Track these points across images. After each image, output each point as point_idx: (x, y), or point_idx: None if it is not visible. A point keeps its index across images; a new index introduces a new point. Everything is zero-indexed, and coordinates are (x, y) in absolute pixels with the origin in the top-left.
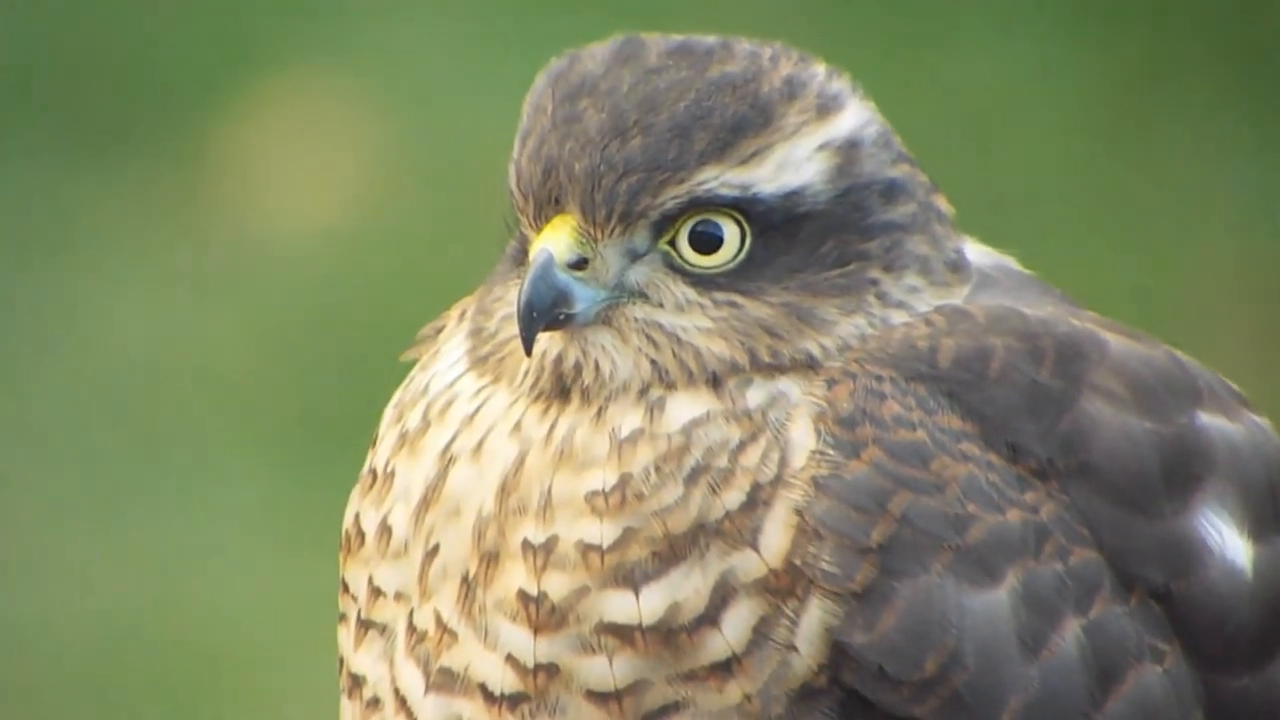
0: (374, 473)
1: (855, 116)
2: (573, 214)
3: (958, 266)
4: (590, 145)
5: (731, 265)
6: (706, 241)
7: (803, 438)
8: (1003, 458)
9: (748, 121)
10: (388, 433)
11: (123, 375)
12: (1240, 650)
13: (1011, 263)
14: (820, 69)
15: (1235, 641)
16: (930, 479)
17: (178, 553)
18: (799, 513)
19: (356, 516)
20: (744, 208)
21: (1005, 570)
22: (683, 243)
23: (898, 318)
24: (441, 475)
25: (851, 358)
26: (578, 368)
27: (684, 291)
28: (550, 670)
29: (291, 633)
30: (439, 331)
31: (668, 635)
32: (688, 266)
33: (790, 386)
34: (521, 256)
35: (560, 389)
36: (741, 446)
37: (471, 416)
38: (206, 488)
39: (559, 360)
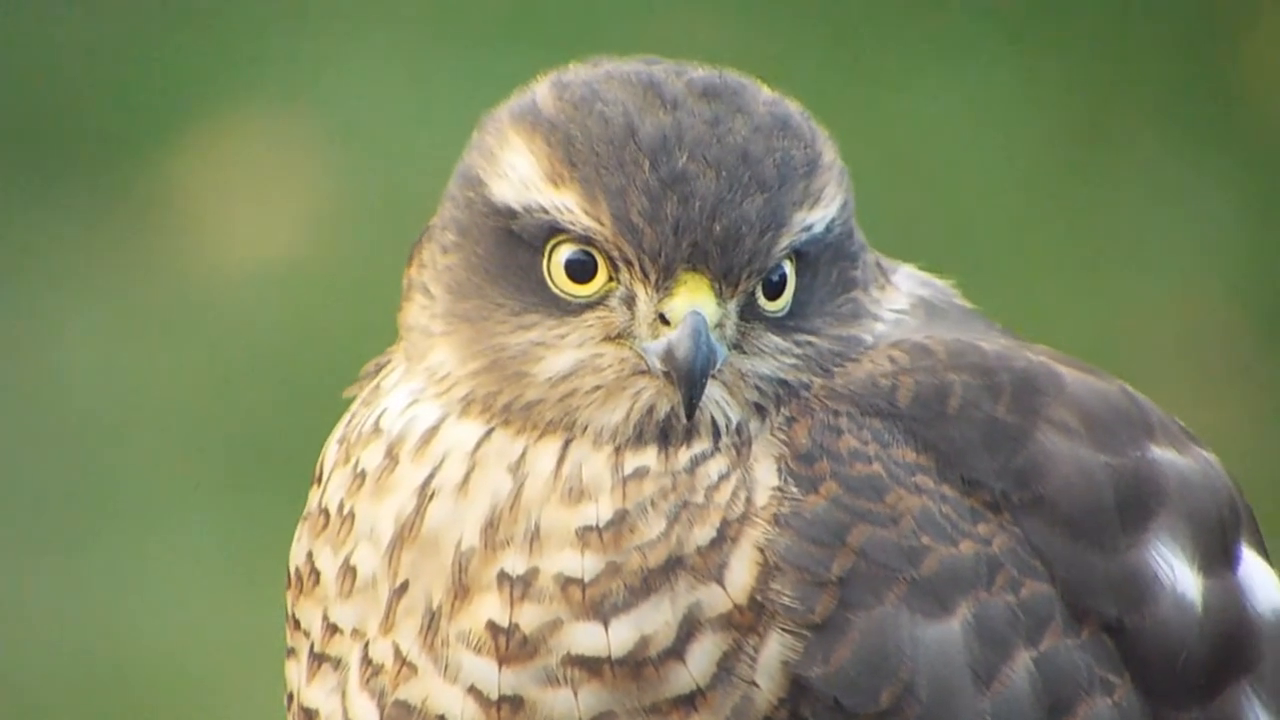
0: (325, 513)
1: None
2: (707, 274)
3: (881, 267)
4: (723, 205)
5: (788, 306)
6: (776, 286)
7: (765, 475)
8: (956, 490)
9: (812, 163)
10: (335, 472)
11: (68, 411)
12: (1190, 683)
13: (948, 288)
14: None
15: (1185, 674)
16: (885, 511)
17: (125, 589)
18: (761, 549)
19: (309, 556)
20: (801, 249)
21: (958, 602)
22: (758, 290)
23: (880, 329)
24: (419, 511)
25: (813, 394)
26: (674, 416)
27: (771, 339)
28: (515, 702)
29: (239, 668)
30: (380, 368)
31: (635, 668)
32: (764, 313)
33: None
34: (586, 306)
35: (663, 437)
36: (718, 482)
37: (460, 454)
38: (153, 523)
39: (650, 411)
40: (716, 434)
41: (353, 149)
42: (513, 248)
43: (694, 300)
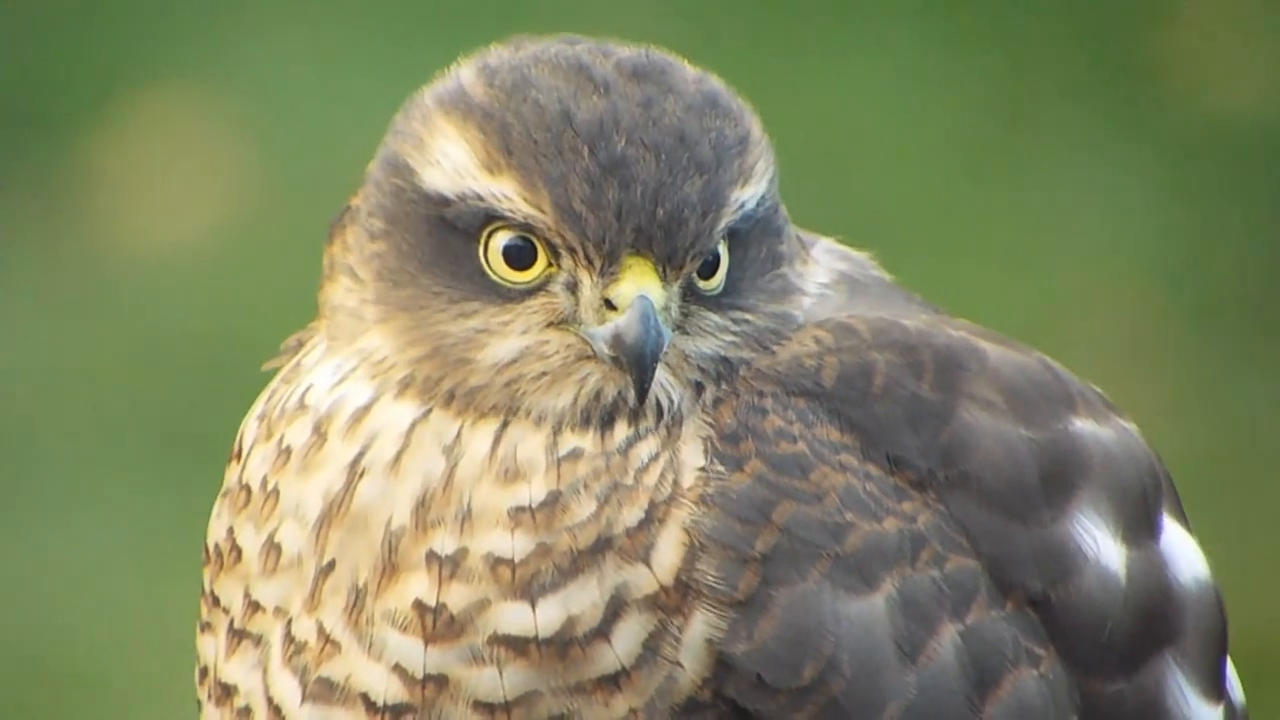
0: (247, 489)
1: None
2: (651, 257)
3: (801, 241)
4: (664, 189)
5: (723, 283)
6: (711, 265)
7: (692, 456)
8: (881, 468)
9: (744, 141)
10: (256, 447)
11: None
12: (1115, 655)
13: (867, 261)
14: None
15: (1110, 646)
16: (810, 489)
17: (42, 571)
18: (687, 530)
19: (230, 531)
20: (735, 226)
21: (882, 577)
22: (695, 270)
23: (808, 303)
24: (348, 489)
25: (740, 376)
26: (621, 399)
27: (710, 318)
28: (439, 681)
29: (156, 649)
30: (301, 343)
31: (562, 648)
32: (703, 291)
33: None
34: (527, 292)
35: (607, 420)
36: (647, 464)
37: (393, 433)
38: (71, 505)
39: (598, 395)
40: (660, 414)
41: (271, 129)
42: (446, 235)
43: (640, 285)
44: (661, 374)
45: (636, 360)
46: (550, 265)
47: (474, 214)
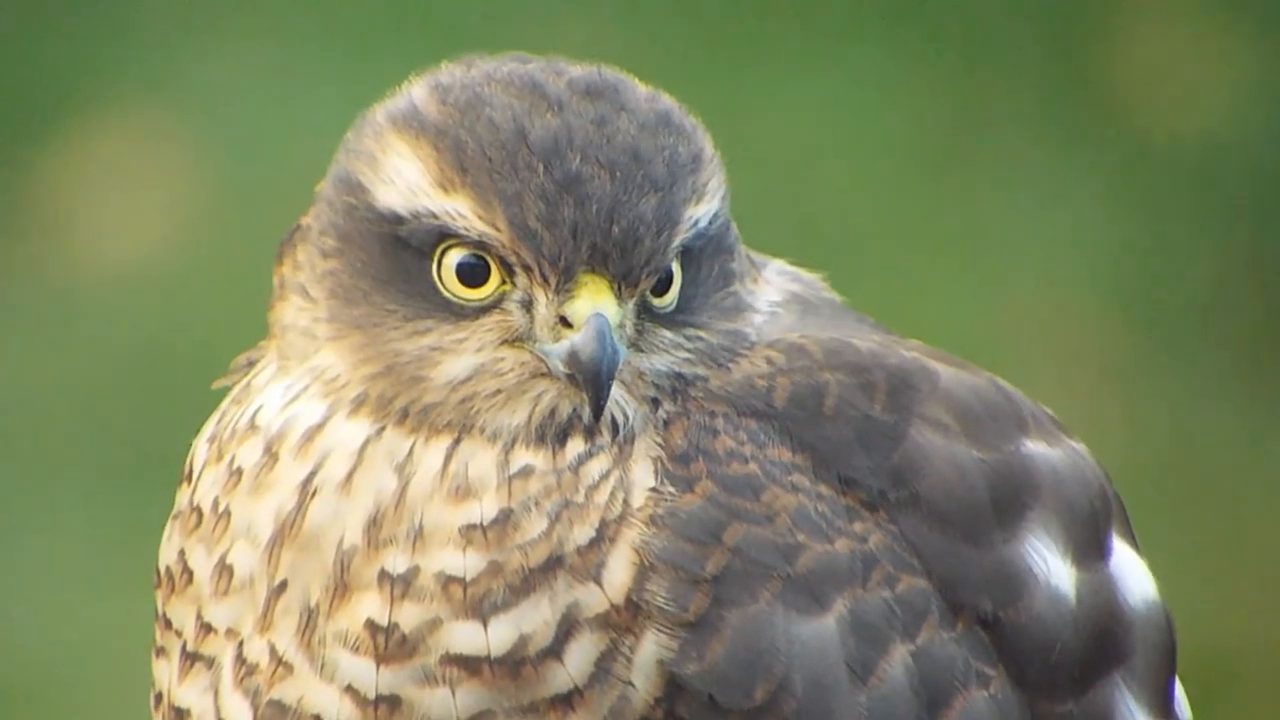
0: (198, 510)
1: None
2: (606, 275)
3: (752, 261)
4: (620, 206)
5: (676, 301)
6: (665, 282)
7: (643, 476)
8: (832, 489)
9: (697, 159)
10: (207, 469)
11: None
12: (1065, 675)
13: (818, 283)
14: None
15: (1060, 667)
16: (761, 510)
17: None
18: (637, 550)
19: (181, 554)
20: (688, 244)
21: (834, 598)
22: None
23: (759, 321)
24: (300, 509)
25: (691, 397)
26: (575, 417)
27: (663, 334)
28: (392, 701)
29: (107, 668)
30: (252, 363)
31: (514, 667)
32: (654, 309)
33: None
34: (481, 310)
35: (561, 437)
36: (598, 482)
37: (344, 452)
38: (21, 524)
39: (552, 413)
40: (615, 431)
41: (221, 147)
42: (399, 253)
43: (596, 302)
44: (617, 391)
45: (592, 378)
46: (504, 283)
47: (428, 232)
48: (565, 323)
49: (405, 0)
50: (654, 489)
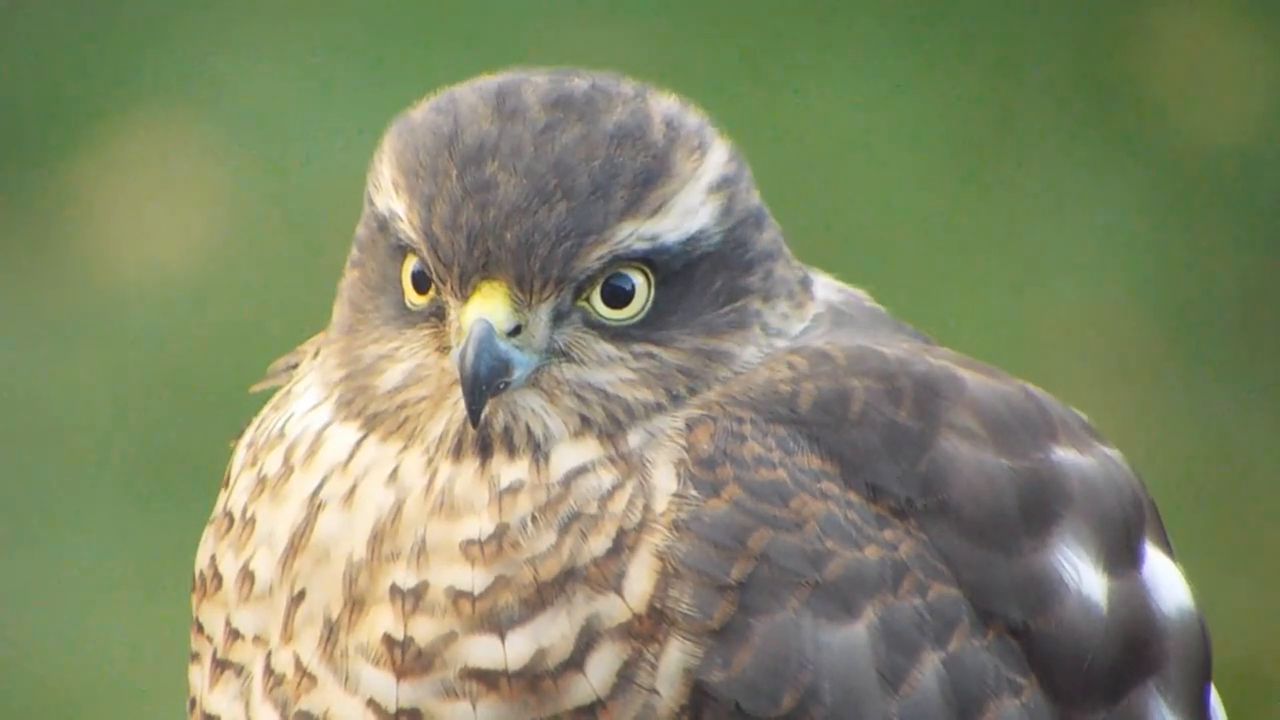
0: (230, 516)
1: (722, 150)
2: (503, 281)
3: (806, 283)
4: (518, 213)
5: (640, 316)
6: (620, 296)
7: (665, 481)
8: (862, 496)
9: (653, 173)
10: (242, 475)
11: None
12: (1096, 684)
13: (863, 296)
14: (676, 102)
15: (1091, 676)
16: (790, 517)
17: (26, 599)
18: (660, 556)
19: (213, 559)
20: (652, 259)
21: (864, 606)
22: (597, 299)
23: (779, 345)
24: (309, 521)
25: (713, 400)
26: (507, 431)
27: (604, 348)
28: (413, 715)
29: (141, 679)
30: (292, 367)
31: (533, 680)
32: (605, 321)
33: (664, 422)
34: (424, 317)
35: (483, 448)
36: (611, 493)
37: (345, 464)
38: (55, 532)
39: (486, 425)
40: (535, 445)
41: (257, 154)
42: (394, 259)
43: (483, 308)
44: (536, 400)
45: (465, 384)
46: (436, 290)
47: (395, 235)
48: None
49: (442, 8)
50: (677, 494)
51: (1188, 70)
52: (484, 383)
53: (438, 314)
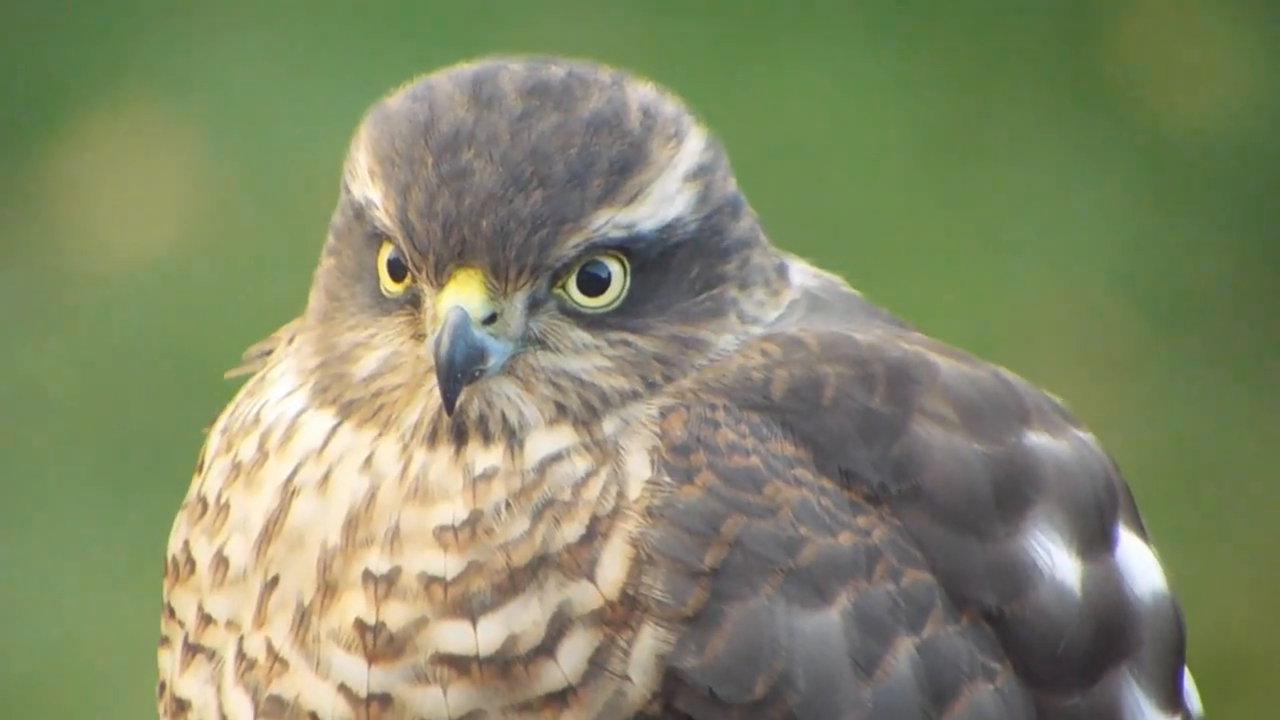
0: (204, 501)
1: (699, 138)
2: (478, 269)
3: (782, 270)
4: (493, 201)
5: (616, 304)
6: (596, 283)
7: (638, 468)
8: (835, 483)
9: (629, 161)
10: (216, 461)
11: None
12: (1071, 669)
13: (838, 282)
14: (653, 90)
15: (1066, 660)
16: (763, 503)
17: (2, 585)
18: (634, 543)
19: (186, 544)
20: (628, 247)
21: (837, 591)
22: (572, 287)
23: (755, 332)
24: (284, 508)
25: (687, 388)
26: (482, 418)
27: (580, 336)
28: (383, 700)
29: (118, 664)
30: (266, 353)
31: (504, 666)
32: (580, 309)
33: (639, 410)
34: (400, 304)
35: (459, 435)
36: (585, 479)
37: (320, 451)
38: (32, 515)
39: (461, 412)
40: (510, 431)
41: (232, 141)
42: (369, 247)
43: (458, 296)
44: (511, 387)
45: (440, 371)
46: (411, 277)
47: (370, 223)
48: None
49: None
50: (651, 480)
51: (1168, 58)
52: (459, 370)
53: (413, 301)
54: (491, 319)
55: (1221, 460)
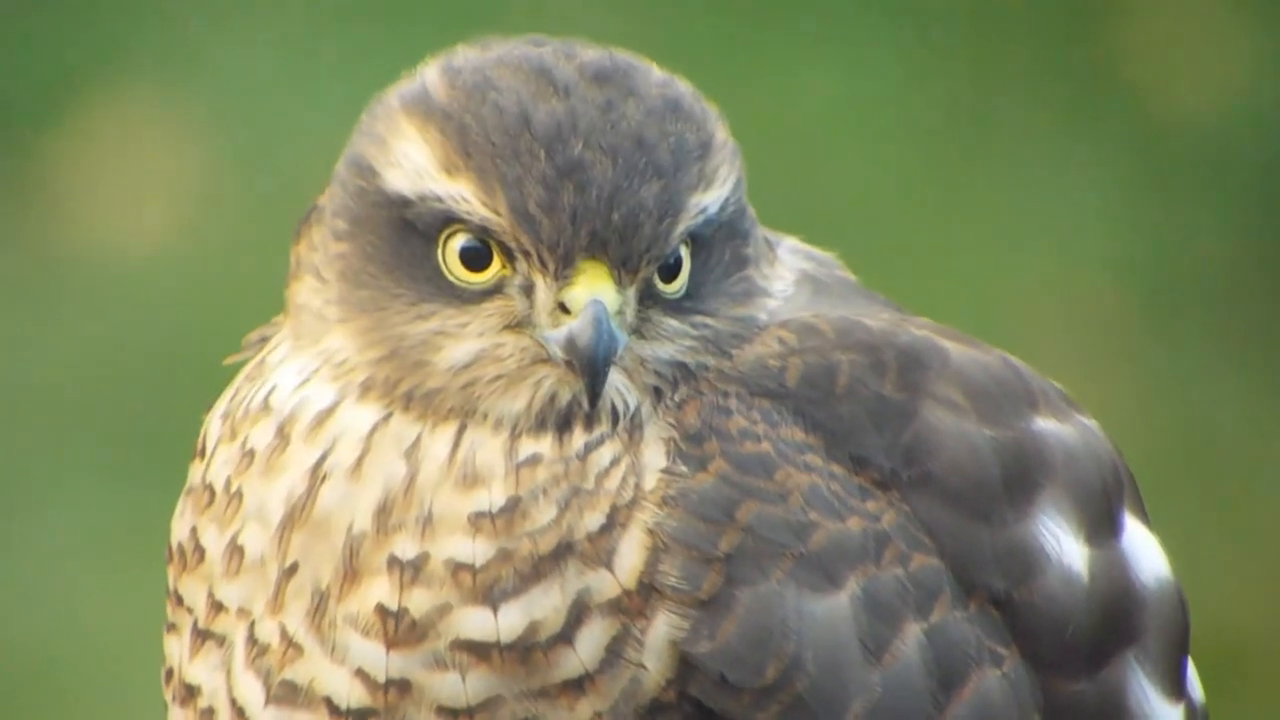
0: (210, 489)
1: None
2: (605, 261)
3: (770, 242)
4: (620, 193)
5: (685, 287)
6: (672, 269)
7: (654, 458)
8: (845, 468)
9: (705, 145)
10: (220, 447)
11: None
12: (1078, 654)
13: (833, 261)
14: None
15: (1073, 646)
16: (774, 489)
17: (6, 568)
18: (650, 531)
19: (193, 531)
20: (697, 231)
21: (846, 576)
22: (655, 274)
23: (773, 305)
24: (310, 493)
25: (703, 377)
26: (577, 404)
27: (669, 322)
28: (402, 686)
29: (113, 653)
30: (265, 339)
31: (524, 653)
32: (663, 295)
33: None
34: (484, 294)
35: (562, 423)
36: (608, 469)
37: (361, 437)
38: (33, 504)
39: (553, 399)
40: (615, 419)
41: (233, 129)
42: (407, 236)
43: (594, 289)
44: (617, 378)
45: (588, 364)
46: (504, 268)
47: (433, 215)
48: (564, 309)
49: None
50: (666, 470)
51: (1166, 44)
52: (605, 362)
53: (499, 291)
54: (620, 311)
55: (1223, 446)
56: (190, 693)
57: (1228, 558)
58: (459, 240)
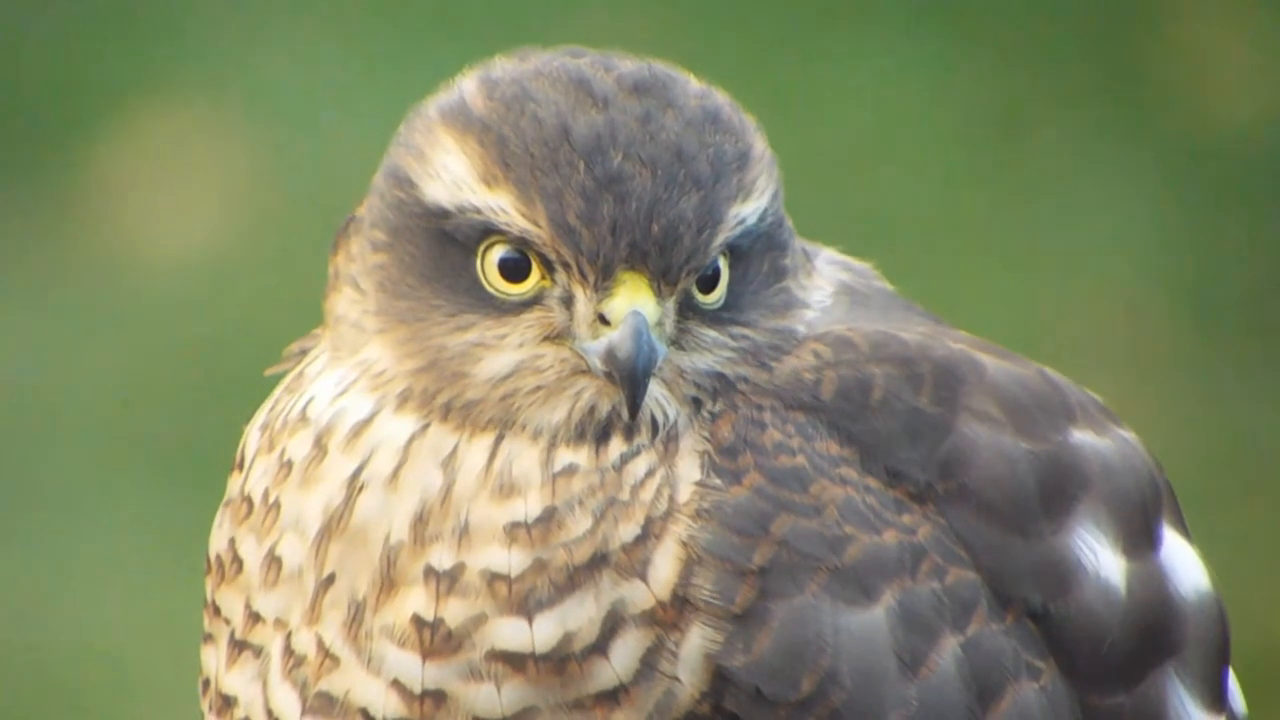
0: (249, 500)
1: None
2: (645, 273)
3: (807, 253)
4: (660, 204)
5: (724, 298)
6: (711, 280)
7: (689, 471)
8: (880, 482)
9: (743, 156)
10: (259, 459)
11: None
12: (1115, 668)
13: (870, 271)
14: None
15: (1110, 659)
16: (809, 502)
17: (48, 580)
18: (684, 544)
19: (231, 543)
20: (735, 242)
21: (882, 589)
22: (693, 286)
23: (810, 316)
24: (348, 504)
25: (738, 390)
26: (616, 415)
27: (708, 333)
28: (437, 696)
29: (161, 660)
30: (305, 351)
31: (559, 664)
32: (702, 306)
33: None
34: (523, 305)
35: (601, 434)
36: (643, 480)
37: (398, 448)
38: (77, 514)
39: (592, 410)
40: (654, 430)
41: (277, 137)
42: (445, 248)
43: (634, 300)
44: (656, 389)
45: (628, 376)
46: (544, 279)
47: (472, 227)
48: (604, 320)
49: None
50: (700, 483)
51: (1207, 55)
52: (645, 373)
53: (538, 302)
54: (660, 323)
55: (1263, 460)
56: (227, 703)
57: (1267, 570)
58: (498, 251)
